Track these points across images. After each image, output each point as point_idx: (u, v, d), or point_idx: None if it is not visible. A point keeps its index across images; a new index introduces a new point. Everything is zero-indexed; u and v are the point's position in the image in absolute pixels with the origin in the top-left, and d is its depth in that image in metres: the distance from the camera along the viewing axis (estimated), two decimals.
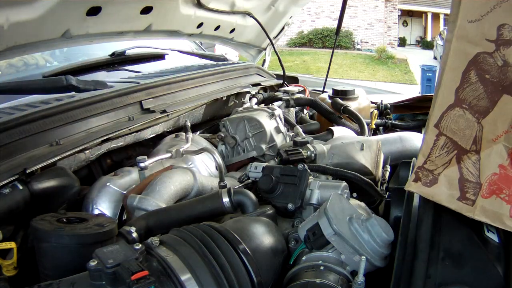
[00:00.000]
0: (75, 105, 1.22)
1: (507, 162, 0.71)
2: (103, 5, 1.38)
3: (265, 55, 2.57)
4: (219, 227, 0.80)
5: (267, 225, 0.90)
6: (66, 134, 1.15)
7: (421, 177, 0.76)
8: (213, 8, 1.88)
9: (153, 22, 1.67)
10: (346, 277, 0.77)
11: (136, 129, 1.37)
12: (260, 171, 1.08)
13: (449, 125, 0.76)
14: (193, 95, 1.65)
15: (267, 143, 1.46)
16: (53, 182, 1.00)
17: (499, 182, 0.71)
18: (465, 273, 0.64)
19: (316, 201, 0.99)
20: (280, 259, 0.85)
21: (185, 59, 2.18)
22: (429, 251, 0.68)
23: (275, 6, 2.23)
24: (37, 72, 1.74)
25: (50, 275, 0.73)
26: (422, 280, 0.64)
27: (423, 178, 0.76)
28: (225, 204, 0.95)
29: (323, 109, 1.92)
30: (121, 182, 1.17)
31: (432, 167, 0.76)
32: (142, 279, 0.58)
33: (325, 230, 0.79)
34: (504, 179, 0.70)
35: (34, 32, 1.27)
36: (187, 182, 1.15)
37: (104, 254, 0.62)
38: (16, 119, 1.06)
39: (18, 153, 1.01)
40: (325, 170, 1.07)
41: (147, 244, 0.71)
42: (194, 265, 0.68)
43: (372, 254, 0.78)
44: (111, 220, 0.83)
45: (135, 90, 1.42)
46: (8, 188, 0.91)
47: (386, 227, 0.80)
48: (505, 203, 0.69)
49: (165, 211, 0.97)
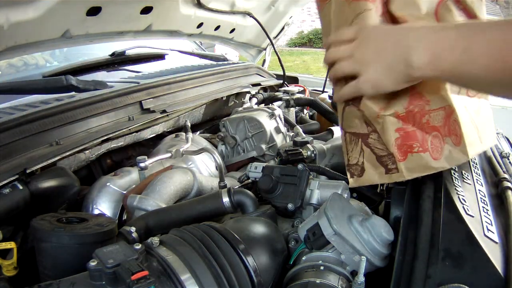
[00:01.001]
0: (75, 105, 1.22)
1: (400, 124, 0.77)
2: (103, 5, 1.38)
3: (265, 55, 2.57)
4: (219, 227, 0.80)
5: (267, 225, 0.90)
6: (66, 134, 1.15)
7: (353, 172, 0.86)
8: (213, 8, 1.88)
9: (153, 22, 1.68)
10: (346, 277, 0.77)
11: (136, 129, 1.37)
12: (260, 171, 1.08)
13: (346, 122, 0.87)
14: (193, 95, 1.65)
15: (267, 143, 1.46)
16: (53, 182, 1.00)
17: (405, 141, 0.76)
18: (465, 273, 0.64)
19: (316, 201, 0.99)
20: (280, 259, 0.85)
21: (185, 59, 2.19)
22: (429, 251, 0.68)
23: (275, 6, 2.23)
24: (37, 72, 1.74)
25: (50, 275, 0.73)
26: (422, 280, 0.64)
27: (354, 172, 0.86)
28: (225, 204, 0.95)
29: (323, 109, 1.92)
30: (121, 182, 1.17)
31: (354, 160, 0.86)
32: (142, 279, 0.58)
33: (325, 230, 0.79)
34: (407, 137, 0.76)
35: (34, 32, 1.27)
36: (187, 182, 1.15)
37: (104, 254, 0.62)
38: (16, 119, 1.06)
39: (18, 153, 1.01)
40: (324, 172, 1.07)
41: (147, 244, 0.71)
42: (194, 265, 0.68)
43: (372, 254, 0.78)
44: (111, 220, 0.83)
45: (135, 90, 1.42)
46: (8, 188, 0.91)
47: (386, 227, 0.80)
48: (422, 154, 0.76)
49: (165, 211, 0.97)
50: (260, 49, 2.57)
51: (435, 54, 0.61)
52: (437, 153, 0.76)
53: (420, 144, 0.76)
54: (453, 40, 0.59)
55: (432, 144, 0.76)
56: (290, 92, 1.96)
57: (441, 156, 0.77)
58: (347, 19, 0.80)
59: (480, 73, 0.56)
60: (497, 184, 0.92)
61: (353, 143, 0.86)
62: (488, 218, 0.78)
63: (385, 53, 0.69)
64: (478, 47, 0.56)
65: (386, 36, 0.69)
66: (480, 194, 0.85)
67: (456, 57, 0.58)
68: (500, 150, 1.13)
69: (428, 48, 0.62)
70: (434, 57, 0.61)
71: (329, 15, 0.86)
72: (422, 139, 0.77)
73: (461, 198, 0.78)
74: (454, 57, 0.58)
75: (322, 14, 0.89)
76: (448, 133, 0.76)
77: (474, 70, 0.56)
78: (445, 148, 0.77)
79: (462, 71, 0.58)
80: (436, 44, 0.61)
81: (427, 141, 0.76)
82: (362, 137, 0.85)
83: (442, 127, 0.76)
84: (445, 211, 0.74)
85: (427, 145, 0.76)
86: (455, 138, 0.76)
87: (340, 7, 0.83)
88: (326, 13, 0.87)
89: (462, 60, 0.57)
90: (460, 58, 0.57)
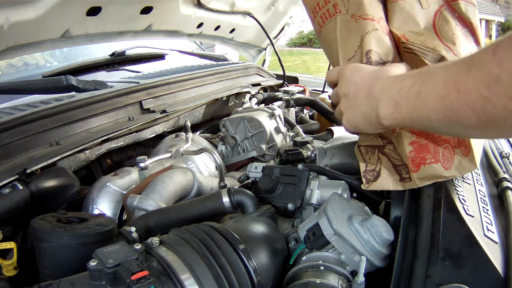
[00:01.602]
0: (75, 105, 1.22)
1: (414, 137, 0.82)
2: (103, 5, 1.38)
3: (265, 55, 2.57)
4: (219, 227, 0.80)
5: (267, 225, 0.90)
6: (66, 134, 1.15)
7: (368, 178, 0.88)
8: (213, 8, 1.88)
9: (153, 22, 1.68)
10: (346, 277, 0.77)
11: (136, 129, 1.37)
12: (260, 171, 1.08)
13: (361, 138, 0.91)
14: (193, 95, 1.66)
15: (267, 143, 1.46)
16: (53, 182, 1.00)
17: (418, 154, 0.81)
18: (465, 273, 0.64)
19: (316, 201, 0.99)
20: (280, 259, 0.85)
21: (185, 59, 2.19)
22: (429, 251, 0.68)
23: (275, 6, 2.23)
24: (37, 72, 1.74)
25: (50, 275, 0.73)
26: (422, 280, 0.64)
27: (370, 177, 0.88)
28: (225, 204, 0.95)
29: (323, 109, 1.92)
30: (121, 182, 1.17)
31: (372, 167, 0.89)
32: (142, 279, 0.58)
33: (325, 230, 0.79)
34: (420, 149, 0.81)
35: (34, 32, 1.27)
36: (187, 182, 1.15)
37: (104, 254, 0.62)
38: (16, 119, 1.06)
39: (18, 153, 1.01)
40: (324, 172, 1.07)
41: (147, 244, 0.72)
42: (194, 265, 0.68)
43: (372, 254, 0.78)
44: (111, 220, 0.83)
45: (135, 90, 1.42)
46: (8, 188, 0.91)
47: (386, 227, 0.80)
48: (434, 165, 0.80)
49: (165, 211, 0.97)
50: (260, 49, 2.57)
51: (396, 103, 0.65)
52: (448, 163, 0.81)
53: (432, 155, 0.80)
54: (408, 87, 0.62)
55: (443, 155, 0.81)
56: (290, 92, 1.96)
57: (451, 166, 0.81)
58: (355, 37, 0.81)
59: (431, 115, 0.59)
60: (497, 184, 0.92)
61: (369, 153, 0.90)
62: (488, 218, 0.78)
63: (359, 103, 0.73)
64: (426, 90, 0.59)
65: (361, 85, 0.73)
66: (480, 194, 0.85)
67: (411, 103, 0.62)
68: (500, 150, 1.13)
69: (390, 99, 0.66)
70: (395, 107, 0.65)
71: (334, 32, 0.85)
72: (434, 151, 0.81)
73: (461, 198, 0.78)
74: (409, 103, 0.62)
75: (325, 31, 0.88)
76: (457, 144, 0.81)
77: (425, 113, 0.60)
78: (455, 158, 0.82)
79: (416, 116, 0.62)
80: (396, 94, 0.65)
81: (439, 153, 0.81)
82: (378, 148, 0.88)
83: (452, 139, 0.81)
84: (445, 211, 0.74)
85: (439, 156, 0.81)
86: (464, 149, 0.81)
87: (346, 24, 0.82)
88: (329, 30, 0.86)
89: (415, 105, 0.61)
90: (414, 103, 0.61)
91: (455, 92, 0.54)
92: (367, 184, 0.89)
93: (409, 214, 0.79)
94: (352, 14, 0.81)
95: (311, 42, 15.61)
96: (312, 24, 0.93)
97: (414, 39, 0.80)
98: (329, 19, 0.86)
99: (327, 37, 0.87)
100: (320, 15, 0.87)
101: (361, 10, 0.81)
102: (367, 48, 0.79)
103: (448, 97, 0.55)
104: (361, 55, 0.80)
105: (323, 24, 0.87)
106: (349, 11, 0.82)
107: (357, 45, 0.80)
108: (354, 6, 0.81)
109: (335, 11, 0.84)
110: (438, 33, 0.80)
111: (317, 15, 0.88)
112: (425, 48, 0.79)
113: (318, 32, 0.92)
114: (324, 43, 0.90)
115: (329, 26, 0.86)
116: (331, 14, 0.85)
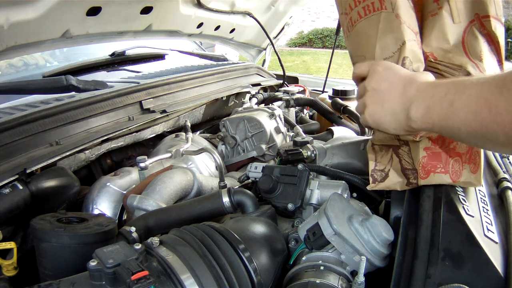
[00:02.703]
0: (75, 105, 1.22)
1: (429, 144, 0.83)
2: (103, 5, 1.38)
3: (265, 55, 2.57)
4: (219, 227, 0.80)
5: (267, 225, 0.90)
6: (66, 134, 1.15)
7: (376, 177, 0.89)
8: (213, 8, 1.88)
9: (153, 22, 1.68)
10: (346, 277, 0.77)
11: (136, 129, 1.37)
12: (260, 171, 1.08)
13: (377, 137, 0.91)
14: (193, 95, 1.66)
15: (267, 143, 1.46)
16: (53, 182, 1.00)
17: (430, 161, 0.82)
18: (465, 273, 0.64)
19: (316, 201, 0.99)
20: (280, 259, 0.85)
21: (185, 59, 2.19)
22: (429, 251, 0.68)
23: (275, 6, 2.23)
24: (37, 72, 1.74)
25: (50, 275, 0.73)
26: (422, 280, 0.64)
27: (377, 177, 0.89)
28: (225, 204, 0.95)
29: (323, 109, 1.92)
30: (121, 182, 1.17)
31: (382, 166, 0.90)
32: (142, 279, 0.58)
33: (325, 230, 0.79)
34: (433, 157, 0.82)
35: (34, 32, 1.27)
36: (187, 182, 1.15)
37: (104, 254, 0.62)
38: (16, 119, 1.06)
39: (18, 153, 1.01)
40: (324, 171, 1.07)
41: (147, 244, 0.71)
42: (194, 265, 0.68)
43: (372, 254, 0.78)
44: (111, 220, 0.83)
45: (135, 90, 1.42)
46: (8, 188, 0.91)
47: (386, 227, 0.80)
48: (443, 175, 0.81)
49: (165, 211, 0.97)
50: (260, 49, 2.57)
51: (428, 107, 0.66)
52: (456, 176, 0.82)
53: (443, 165, 0.82)
54: (442, 95, 0.64)
55: (453, 167, 0.82)
56: (290, 92, 1.96)
57: (459, 179, 0.82)
58: (396, 40, 0.80)
59: (461, 127, 0.61)
60: (497, 184, 0.92)
61: (383, 152, 0.90)
62: (488, 218, 0.78)
63: (391, 99, 0.73)
64: (459, 102, 0.61)
65: (395, 83, 0.74)
66: (480, 194, 0.85)
67: (443, 111, 0.63)
68: None
69: (423, 102, 0.67)
70: (427, 110, 0.66)
71: (375, 27, 0.84)
72: (446, 161, 0.82)
73: (461, 198, 0.78)
74: (441, 111, 0.63)
75: (364, 23, 0.86)
76: (468, 160, 0.83)
77: (455, 124, 0.61)
78: (464, 173, 0.83)
79: (447, 124, 0.63)
80: (430, 99, 0.66)
81: (449, 164, 0.82)
82: (393, 148, 0.89)
83: (464, 154, 0.82)
84: (445, 211, 0.74)
85: (448, 167, 0.82)
86: (473, 166, 0.83)
87: (390, 23, 0.82)
88: (370, 23, 0.85)
89: (447, 114, 0.62)
90: (446, 112, 0.63)
91: (486, 111, 0.56)
92: (374, 183, 0.90)
93: (409, 214, 0.79)
94: (397, 14, 0.80)
95: (311, 42, 15.60)
96: (346, 12, 0.91)
97: (442, 57, 0.81)
98: (372, 13, 0.85)
99: (366, 30, 0.86)
100: (363, 6, 0.86)
101: (405, 18, 0.81)
102: (405, 54, 0.80)
103: (479, 113, 0.57)
104: (398, 59, 0.80)
105: (364, 16, 0.86)
106: (395, 10, 0.81)
107: (397, 48, 0.80)
108: (399, 10, 0.81)
109: (381, 6, 0.83)
110: (466, 49, 0.80)
111: (359, 5, 0.86)
112: (452, 66, 0.80)
113: (351, 21, 0.90)
114: (358, 34, 0.88)
115: (371, 20, 0.85)
116: (375, 8, 0.84)
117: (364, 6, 0.85)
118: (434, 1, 0.82)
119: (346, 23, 0.91)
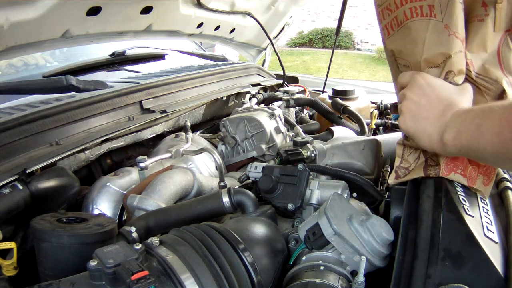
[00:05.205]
0: (75, 105, 1.22)
1: None
2: (103, 5, 1.38)
3: (265, 55, 2.57)
4: (219, 227, 0.80)
5: (267, 225, 0.90)
6: (66, 134, 1.15)
7: (399, 174, 0.91)
8: (213, 8, 1.88)
9: (153, 22, 1.68)
10: (346, 277, 0.77)
11: (136, 129, 1.37)
12: (260, 171, 1.08)
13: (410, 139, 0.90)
14: (193, 95, 1.66)
15: (267, 143, 1.46)
16: (53, 182, 1.00)
17: (454, 161, 0.83)
18: (465, 273, 0.64)
19: (316, 201, 0.99)
20: (280, 259, 0.85)
21: (185, 59, 2.19)
22: (429, 251, 0.68)
23: (275, 6, 2.23)
24: (37, 72, 1.74)
25: (50, 275, 0.73)
26: (422, 280, 0.64)
27: (401, 174, 0.91)
28: (225, 204, 0.95)
29: (323, 109, 1.92)
30: (121, 182, 1.17)
31: (407, 164, 0.90)
32: (142, 279, 0.58)
33: (325, 230, 0.79)
34: (456, 158, 0.83)
35: (34, 32, 1.27)
36: (187, 182, 1.15)
37: (104, 254, 0.62)
38: (16, 119, 1.06)
39: (18, 153, 1.01)
40: (325, 171, 1.07)
41: (147, 244, 0.71)
42: (194, 265, 0.68)
43: (372, 254, 0.78)
44: (111, 220, 0.83)
45: (135, 90, 1.42)
46: (8, 188, 0.91)
47: (386, 227, 0.80)
48: (461, 177, 0.83)
49: (165, 211, 0.97)
50: (260, 49, 2.57)
51: (458, 131, 0.69)
52: (472, 182, 0.83)
53: (462, 169, 0.83)
54: (471, 119, 0.68)
55: (470, 173, 0.84)
56: (290, 92, 1.96)
57: (474, 185, 0.84)
58: (443, 51, 0.79)
59: (486, 148, 0.63)
60: (497, 184, 0.92)
61: (411, 151, 0.91)
62: (488, 218, 0.78)
63: (427, 116, 0.76)
64: (485, 125, 0.64)
65: (436, 103, 0.76)
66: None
67: (471, 134, 0.67)
68: None
69: (455, 127, 0.70)
70: (457, 134, 0.69)
71: (423, 33, 0.81)
72: (465, 165, 0.83)
73: (461, 198, 0.78)
74: (470, 134, 0.67)
75: (412, 26, 0.83)
76: (483, 172, 0.84)
77: (481, 146, 0.64)
78: (477, 181, 0.84)
79: (474, 146, 0.66)
80: (461, 123, 0.70)
81: (468, 169, 0.83)
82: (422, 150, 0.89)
83: (481, 166, 0.84)
84: (445, 211, 0.74)
85: (467, 172, 0.83)
86: (486, 179, 0.85)
87: (438, 33, 0.79)
88: (418, 28, 0.82)
89: (474, 136, 0.66)
90: (473, 135, 0.66)
91: (508, 131, 0.59)
92: (396, 179, 0.91)
93: (409, 214, 0.79)
94: (446, 25, 0.78)
95: (311, 42, 15.59)
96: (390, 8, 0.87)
97: (479, 69, 0.80)
98: (420, 17, 0.82)
99: (413, 34, 0.83)
100: (411, 7, 0.83)
101: (455, 26, 0.78)
102: (450, 68, 0.79)
103: (502, 134, 0.60)
104: (442, 71, 0.80)
105: (411, 18, 0.83)
106: (444, 20, 0.79)
107: (443, 59, 0.80)
108: (449, 18, 0.78)
109: (430, 13, 0.80)
110: (501, 61, 0.80)
111: (406, 4, 0.83)
112: (488, 80, 0.80)
113: (397, 20, 0.86)
114: (404, 36, 0.86)
115: (419, 24, 0.82)
116: (424, 13, 0.81)
117: (411, 7, 0.82)
118: (482, 6, 0.80)
119: (389, 19, 0.88)
